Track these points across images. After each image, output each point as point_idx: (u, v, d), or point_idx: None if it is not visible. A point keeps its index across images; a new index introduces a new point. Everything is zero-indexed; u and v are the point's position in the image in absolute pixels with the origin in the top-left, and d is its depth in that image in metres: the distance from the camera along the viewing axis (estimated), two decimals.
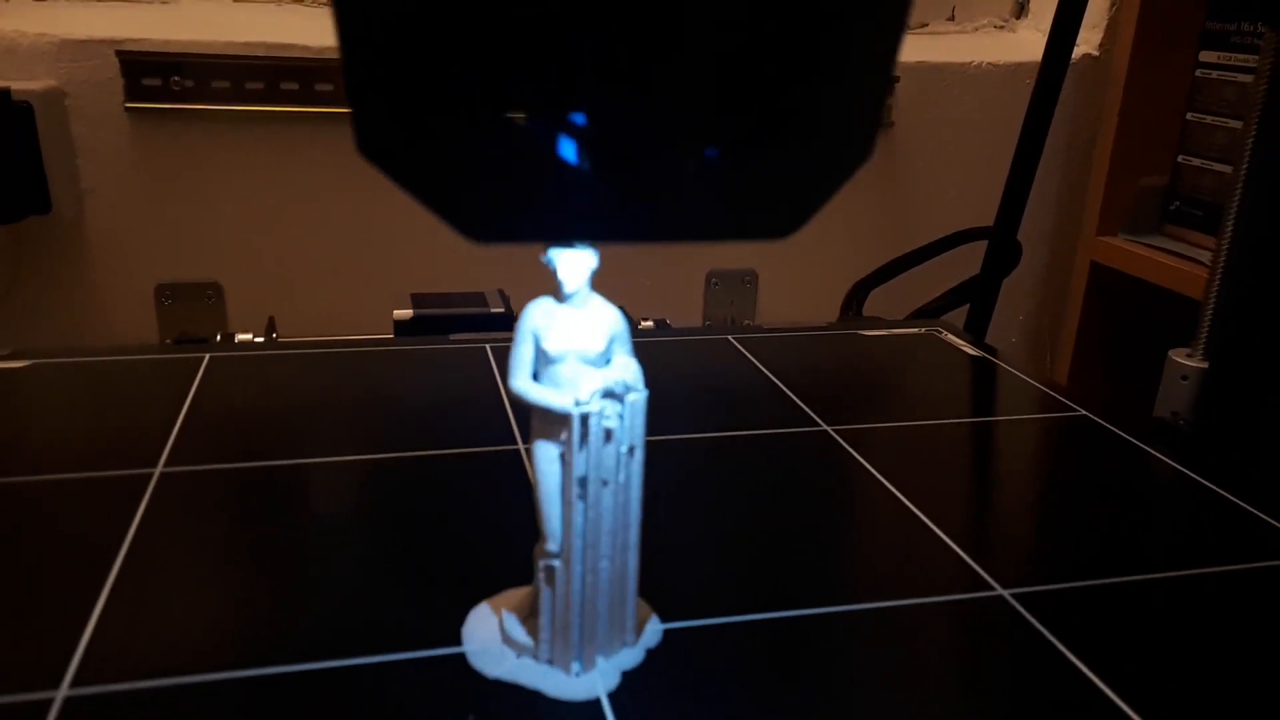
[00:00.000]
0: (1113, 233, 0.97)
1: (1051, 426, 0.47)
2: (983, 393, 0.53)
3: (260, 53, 0.84)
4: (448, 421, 0.44)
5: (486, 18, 0.17)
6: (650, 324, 0.83)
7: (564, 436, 0.25)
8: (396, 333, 0.69)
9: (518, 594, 0.29)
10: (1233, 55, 0.86)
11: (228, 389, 0.46)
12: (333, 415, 0.45)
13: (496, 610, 0.29)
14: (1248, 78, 0.84)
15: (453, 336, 0.56)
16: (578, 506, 0.25)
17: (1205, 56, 0.89)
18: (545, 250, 0.24)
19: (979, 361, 0.56)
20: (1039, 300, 1.12)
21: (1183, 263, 0.88)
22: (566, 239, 0.20)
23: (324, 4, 0.92)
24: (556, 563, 0.26)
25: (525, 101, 0.17)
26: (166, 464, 0.38)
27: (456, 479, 0.39)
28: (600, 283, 0.25)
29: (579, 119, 0.18)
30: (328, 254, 0.92)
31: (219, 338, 0.69)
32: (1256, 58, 0.84)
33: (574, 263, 0.24)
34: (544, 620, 0.27)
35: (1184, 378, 0.49)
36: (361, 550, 0.34)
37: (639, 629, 0.28)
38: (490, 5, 0.16)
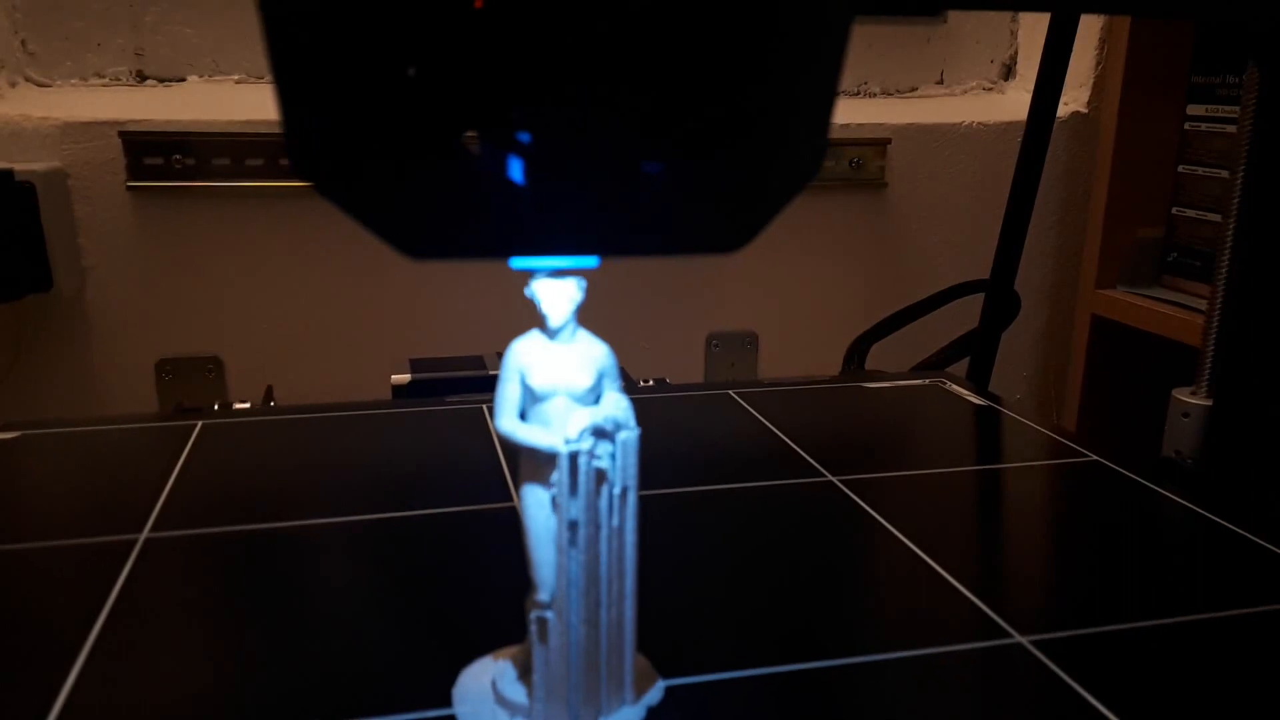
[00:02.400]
0: (1112, 285, 0.97)
1: (1061, 472, 0.45)
2: (990, 440, 0.52)
3: (261, 130, 0.86)
4: (441, 481, 0.43)
5: (421, 35, 0.16)
6: (650, 383, 0.82)
7: (553, 478, 0.24)
8: (394, 397, 0.68)
9: (511, 651, 0.28)
10: (1220, 108, 0.87)
11: (219, 455, 0.46)
12: (323, 478, 0.44)
13: (488, 670, 0.28)
14: (1236, 129, 0.85)
15: (448, 398, 0.56)
16: (570, 553, 0.24)
17: (1193, 109, 0.90)
18: (528, 286, 0.23)
19: (985, 410, 0.55)
20: (1043, 354, 1.11)
21: (1183, 312, 0.88)
22: (506, 253, 0.19)
23: None
24: (549, 614, 0.25)
25: (463, 119, 0.17)
26: (153, 529, 0.37)
27: (449, 537, 0.37)
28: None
29: (518, 134, 0.17)
30: (326, 324, 0.92)
31: (216, 407, 0.68)
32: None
33: (557, 295, 0.23)
34: (537, 677, 0.25)
35: (1185, 415, 0.48)
36: (351, 611, 0.32)
37: (639, 686, 0.27)
38: (425, 24, 0.16)
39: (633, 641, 0.26)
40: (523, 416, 0.24)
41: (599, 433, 0.24)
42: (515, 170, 0.17)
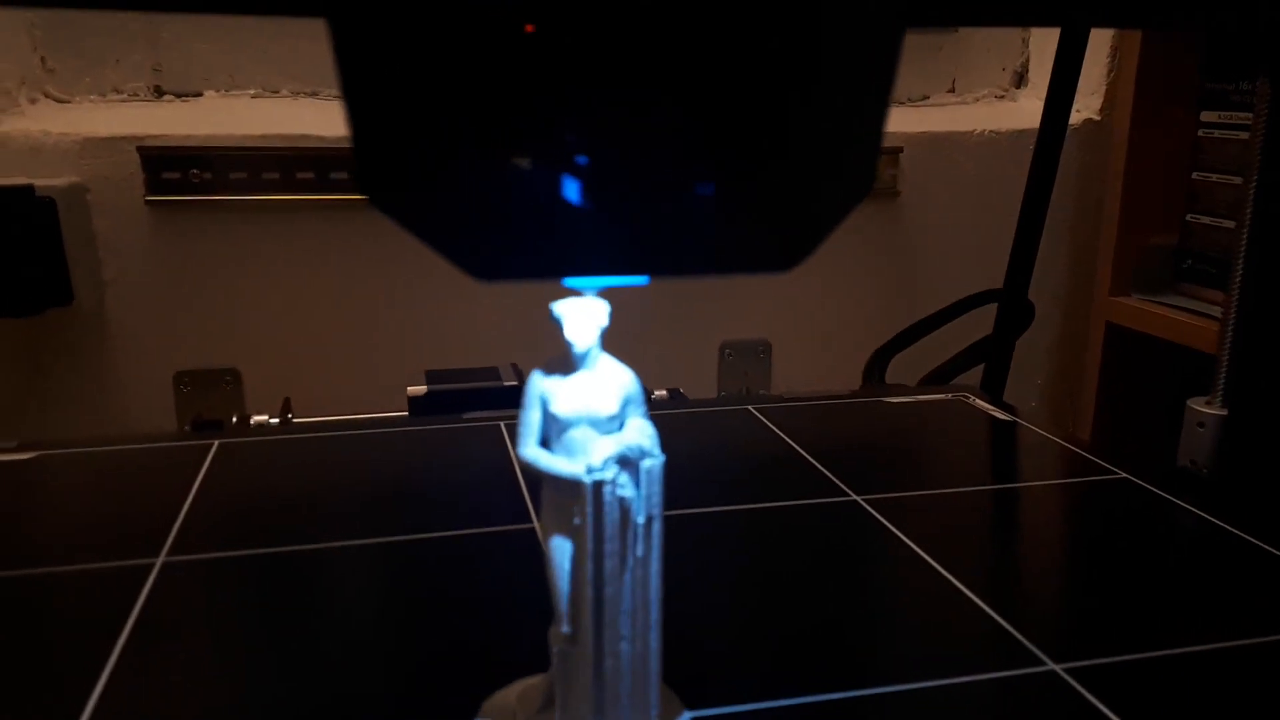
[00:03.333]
0: (1126, 293, 0.97)
1: (1090, 490, 0.45)
2: (1015, 458, 0.52)
3: (277, 144, 0.86)
4: (461, 501, 0.43)
5: (484, 61, 0.16)
6: (665, 394, 0.82)
7: (576, 507, 0.24)
8: (410, 409, 0.68)
9: (531, 682, 0.28)
10: (1233, 114, 0.87)
11: (236, 475, 0.46)
12: (342, 499, 0.44)
13: (509, 701, 0.27)
14: (1249, 135, 0.84)
15: (466, 415, 0.56)
16: (593, 585, 0.24)
17: (1206, 116, 0.90)
18: (554, 309, 0.23)
19: (1009, 426, 0.54)
20: (1057, 362, 1.10)
21: (1198, 319, 0.87)
22: (569, 274, 0.19)
23: (335, 97, 0.94)
24: (571, 647, 0.25)
25: (524, 142, 0.17)
26: (170, 553, 0.37)
27: (469, 560, 0.37)
28: (620, 357, 0.24)
29: (578, 158, 0.17)
30: (343, 336, 0.92)
31: (234, 420, 0.68)
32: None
33: (583, 319, 0.23)
34: (560, 712, 0.25)
35: (1200, 425, 0.48)
36: (371, 635, 0.32)
37: (665, 718, 0.27)
38: (488, 49, 0.16)
39: (658, 673, 0.26)
40: (545, 443, 0.24)
41: (623, 461, 0.24)
42: (573, 192, 0.17)
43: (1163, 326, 0.91)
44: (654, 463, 0.24)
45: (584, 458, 0.24)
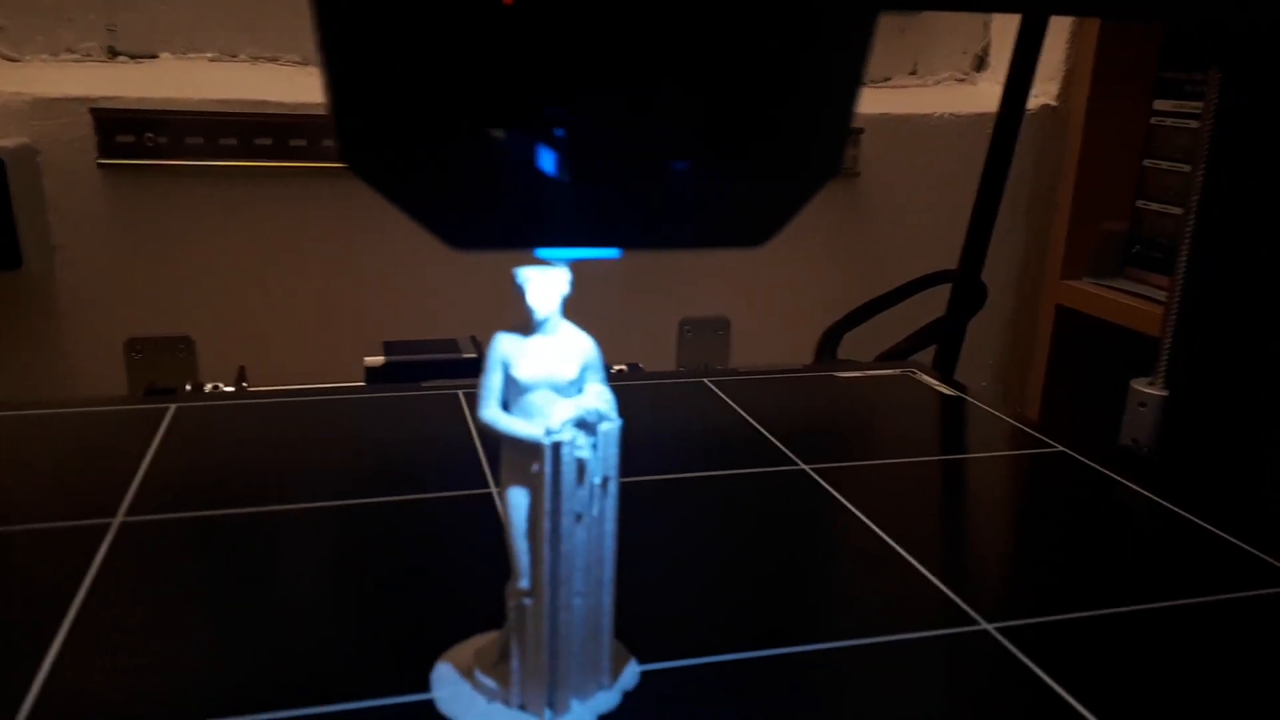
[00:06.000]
0: (1077, 276, 0.99)
1: (1028, 462, 0.47)
2: (958, 430, 0.53)
3: (236, 109, 0.85)
4: (418, 467, 0.44)
5: (465, 33, 0.17)
6: (624, 368, 0.83)
7: (535, 468, 0.24)
8: (368, 380, 0.68)
9: (488, 638, 0.29)
10: (1185, 103, 0.89)
11: (194, 438, 0.46)
12: (300, 462, 0.44)
13: (466, 655, 0.28)
14: (1199, 124, 0.87)
15: (424, 384, 0.56)
16: (550, 541, 0.25)
17: (1160, 104, 0.92)
18: (517, 275, 0.24)
19: (953, 400, 0.56)
20: (1008, 343, 1.13)
21: (1145, 303, 0.90)
22: (544, 245, 0.20)
23: (296, 63, 0.92)
24: (527, 601, 0.25)
25: (503, 114, 0.18)
26: (127, 514, 0.37)
27: (426, 524, 0.38)
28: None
29: (556, 131, 0.18)
30: (299, 306, 0.91)
31: (188, 388, 0.68)
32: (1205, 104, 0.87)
33: (546, 286, 0.24)
34: (515, 663, 0.26)
35: (1142, 405, 0.49)
36: (327, 597, 0.33)
37: (615, 671, 0.28)
38: (469, 21, 0.17)
39: (610, 627, 0.27)
40: (505, 407, 0.25)
41: (581, 424, 0.24)
42: (550, 165, 0.18)
43: (1111, 310, 0.93)
44: (611, 426, 0.25)
45: (543, 420, 0.24)
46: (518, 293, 0.24)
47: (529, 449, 0.24)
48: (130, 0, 0.88)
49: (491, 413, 0.25)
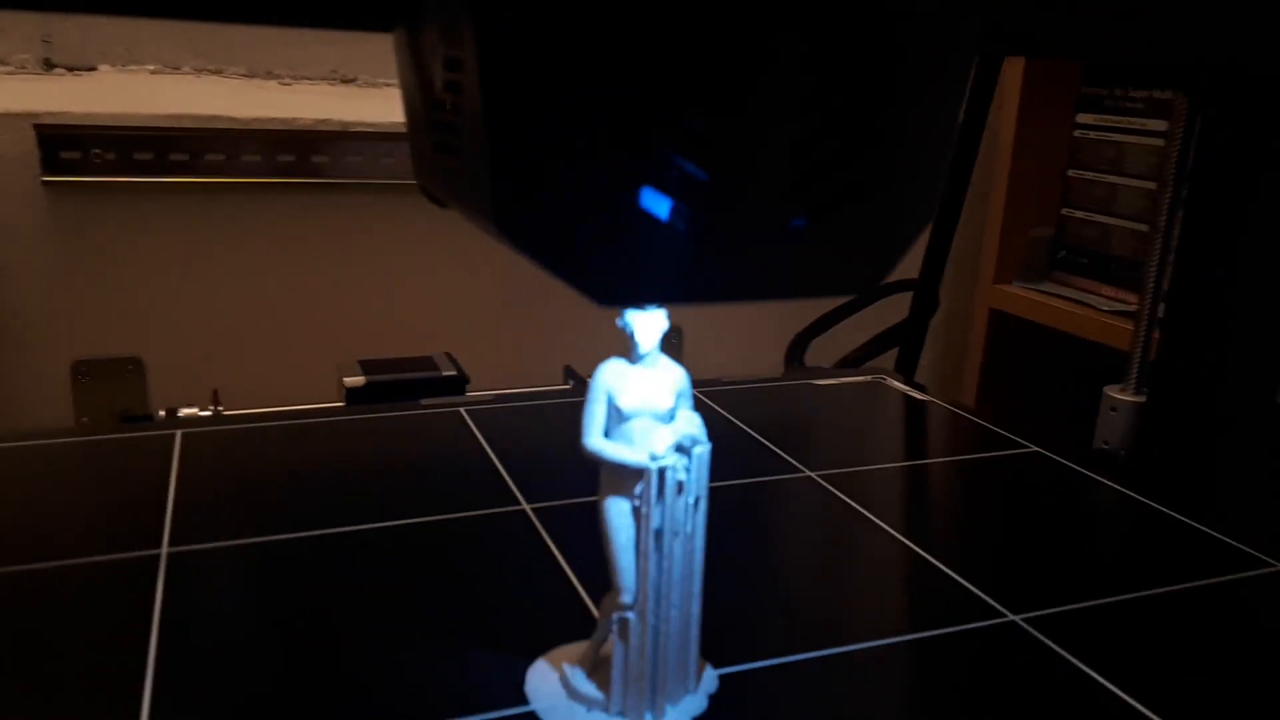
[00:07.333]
0: (1008, 281, 1.05)
1: (1008, 463, 0.50)
2: (938, 434, 0.57)
3: (186, 124, 0.83)
4: (448, 486, 0.44)
5: (616, 108, 0.19)
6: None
7: (637, 491, 0.26)
8: (349, 400, 0.68)
9: (574, 649, 0.30)
10: (1107, 117, 0.96)
11: (212, 465, 0.45)
12: (329, 486, 0.44)
13: (556, 666, 0.30)
14: (1122, 137, 0.94)
15: (424, 401, 0.57)
16: (654, 558, 0.26)
17: (1082, 118, 0.98)
18: (621, 316, 0.25)
19: (927, 405, 0.59)
20: (944, 344, 1.19)
21: (1072, 305, 0.96)
22: (681, 301, 0.22)
23: (241, 75, 0.91)
24: (631, 615, 0.27)
25: (647, 180, 0.19)
26: (171, 544, 0.37)
27: (474, 541, 0.39)
28: (531, 341, 0.27)
29: (695, 198, 0.19)
30: (255, 324, 0.90)
31: (163, 414, 0.66)
32: (1130, 119, 0.93)
33: (650, 325, 0.25)
34: (616, 672, 0.27)
35: (1114, 409, 0.54)
36: (399, 617, 0.34)
37: (698, 676, 0.29)
38: (617, 97, 0.18)
39: (698, 636, 0.28)
40: (605, 433, 0.26)
41: (679, 448, 0.26)
42: (686, 228, 0.19)
43: (1040, 312, 0.99)
44: (704, 449, 0.27)
45: (645, 446, 0.26)
46: (624, 331, 0.26)
47: (631, 474, 0.26)
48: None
49: (597, 442, 0.26)
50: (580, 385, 0.86)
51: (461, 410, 0.54)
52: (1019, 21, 0.29)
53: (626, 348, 0.26)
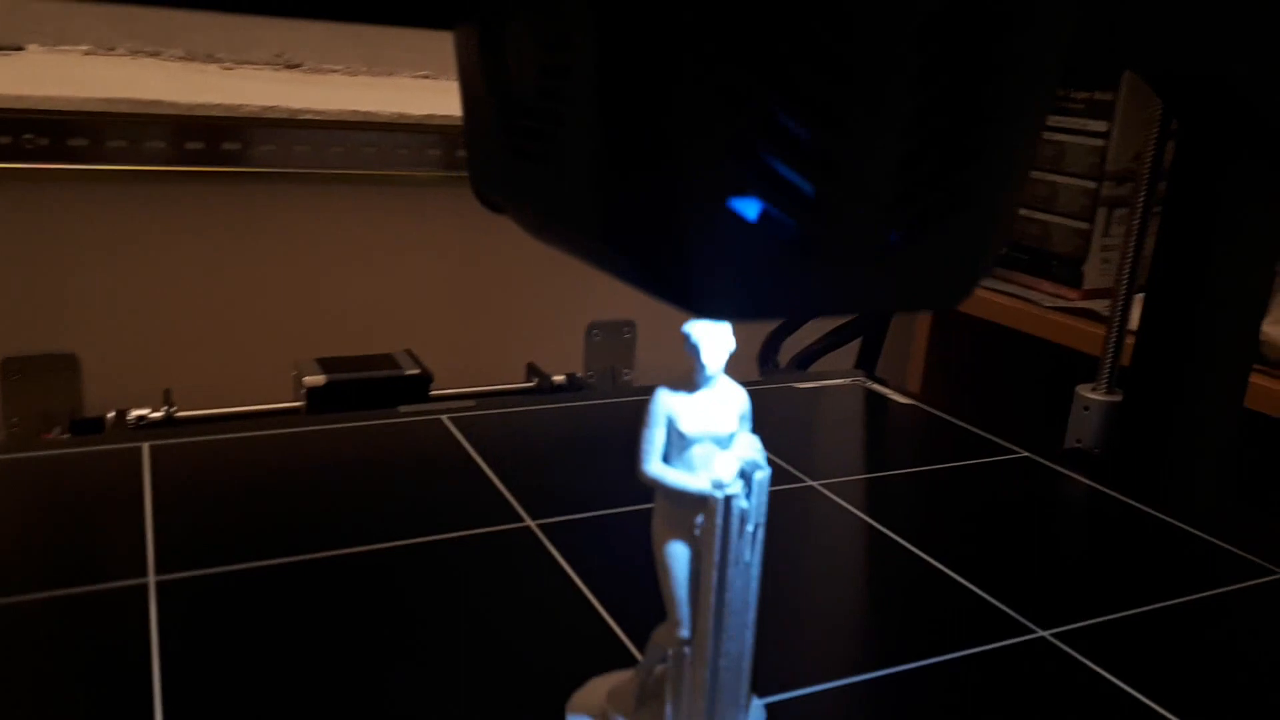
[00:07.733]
0: None
1: (1000, 469, 0.51)
2: (924, 439, 0.57)
3: (122, 108, 0.78)
4: (443, 503, 0.42)
5: (732, 118, 0.18)
6: (563, 379, 0.83)
7: (698, 518, 0.25)
8: (309, 400, 0.65)
9: (613, 680, 0.29)
10: (1061, 119, 0.98)
11: (185, 481, 0.43)
12: (316, 502, 0.42)
13: (596, 700, 0.28)
14: (1064, 137, 0.96)
15: (402, 409, 0.54)
16: (716, 591, 0.25)
17: None
18: (689, 337, 0.24)
19: (909, 409, 0.60)
20: (889, 340, 1.20)
21: (1014, 301, 0.98)
22: (779, 315, 0.21)
23: (180, 58, 0.86)
24: (688, 650, 0.26)
25: (754, 191, 0.19)
26: (158, 571, 0.35)
27: (479, 562, 0.37)
28: (488, 337, 0.26)
29: (802, 212, 0.19)
30: (197, 320, 0.86)
31: (112, 415, 0.63)
32: (1071, 119, 0.95)
33: (718, 345, 0.24)
34: (669, 709, 0.26)
35: (1086, 409, 0.55)
36: (414, 646, 0.32)
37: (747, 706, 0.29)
38: (735, 106, 0.18)
39: (750, 666, 0.27)
40: (665, 458, 0.25)
41: (740, 473, 0.25)
42: (793, 241, 0.19)
43: (983, 308, 1.01)
44: (765, 474, 0.26)
45: (706, 472, 0.25)
46: (690, 351, 0.25)
47: (691, 501, 0.25)
48: None
49: (657, 468, 0.25)
50: (544, 381, 0.84)
51: (443, 418, 0.52)
52: None
53: (588, 345, 0.25)
